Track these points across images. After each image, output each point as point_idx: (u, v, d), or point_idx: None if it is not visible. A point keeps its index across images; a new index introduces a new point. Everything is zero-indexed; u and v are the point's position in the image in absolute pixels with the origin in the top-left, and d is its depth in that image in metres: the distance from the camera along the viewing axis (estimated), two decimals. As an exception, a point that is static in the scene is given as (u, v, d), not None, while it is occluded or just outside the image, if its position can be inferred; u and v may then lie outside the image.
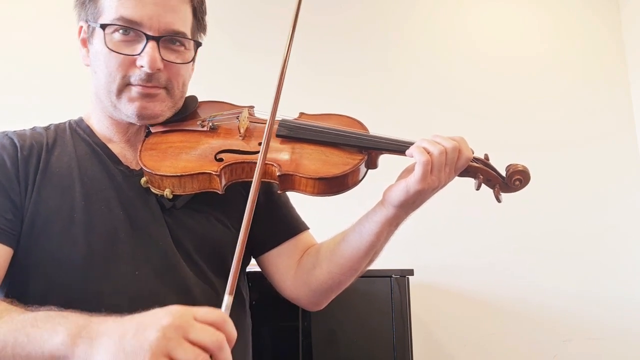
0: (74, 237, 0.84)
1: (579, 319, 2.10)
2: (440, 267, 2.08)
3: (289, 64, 0.88)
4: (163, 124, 0.94)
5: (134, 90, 0.88)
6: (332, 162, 0.87)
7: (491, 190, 0.92)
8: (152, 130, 0.94)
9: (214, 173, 0.85)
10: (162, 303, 0.64)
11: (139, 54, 0.86)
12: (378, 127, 0.95)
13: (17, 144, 0.89)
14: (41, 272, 0.84)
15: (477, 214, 2.10)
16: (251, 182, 0.79)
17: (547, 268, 2.12)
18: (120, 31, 0.86)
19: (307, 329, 1.48)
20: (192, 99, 1.00)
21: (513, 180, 0.90)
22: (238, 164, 0.87)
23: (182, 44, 0.91)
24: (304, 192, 0.87)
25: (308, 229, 1.04)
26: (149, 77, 0.87)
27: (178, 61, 0.90)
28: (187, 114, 0.97)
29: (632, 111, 2.30)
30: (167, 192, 0.87)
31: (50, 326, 0.64)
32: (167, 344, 0.55)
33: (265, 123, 0.85)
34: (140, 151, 0.90)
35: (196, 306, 0.63)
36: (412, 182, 0.84)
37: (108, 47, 0.87)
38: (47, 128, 0.97)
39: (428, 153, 0.83)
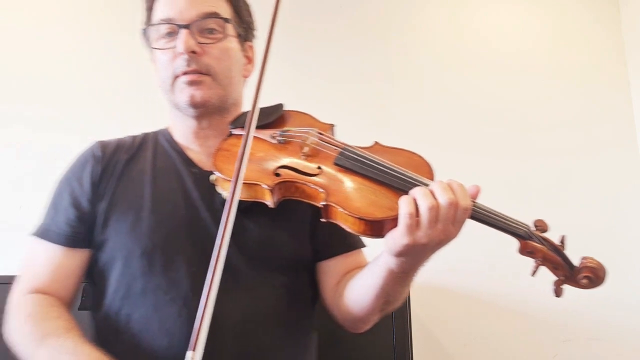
0: (140, 234, 0.93)
1: (579, 319, 2.10)
2: (440, 267, 2.07)
3: (286, 69, 0.88)
4: (243, 127, 0.93)
5: (180, 81, 0.96)
6: (378, 204, 0.82)
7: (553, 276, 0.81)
8: (233, 132, 0.99)
9: (267, 187, 0.87)
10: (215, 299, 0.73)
11: (176, 46, 0.94)
12: (381, 135, 0.94)
13: (99, 155, 1.01)
14: (115, 266, 0.94)
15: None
16: (305, 202, 0.86)
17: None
18: (162, 32, 0.97)
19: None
20: (278, 106, 1.04)
21: (581, 276, 0.78)
22: (292, 182, 0.88)
23: (219, 30, 0.97)
24: (344, 226, 0.83)
25: (362, 247, 1.03)
26: (189, 62, 0.94)
27: (212, 42, 0.96)
28: (270, 121, 1.00)
29: (632, 112, 2.30)
30: (225, 194, 0.90)
31: None
32: None
33: (335, 144, 0.91)
34: (217, 149, 0.96)
35: (246, 303, 0.86)
36: (397, 233, 0.76)
37: (154, 48, 0.99)
38: (135, 137, 1.08)
39: (415, 205, 0.75)
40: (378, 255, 0.86)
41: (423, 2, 2.36)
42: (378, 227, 0.80)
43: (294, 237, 0.99)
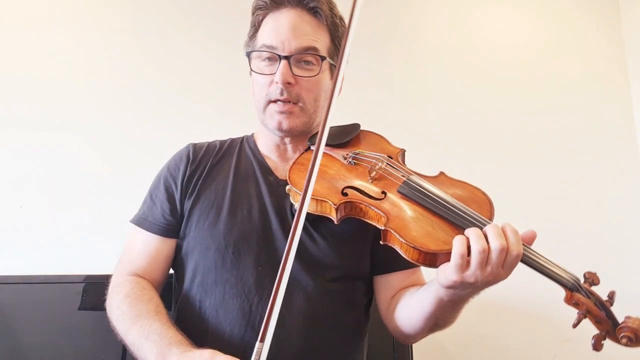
0: (217, 232, 1.04)
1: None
2: (440, 267, 2.08)
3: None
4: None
5: (272, 108, 1.06)
6: (434, 236, 0.85)
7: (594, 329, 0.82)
8: (312, 148, 1.06)
9: (333, 204, 0.93)
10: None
11: (274, 73, 1.03)
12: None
13: (191, 157, 1.13)
14: (193, 256, 1.06)
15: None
16: (366, 222, 0.91)
17: (547, 268, 2.12)
18: (263, 57, 1.05)
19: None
20: (355, 126, 1.13)
21: (621, 335, 0.79)
22: (357, 203, 0.93)
23: (314, 63, 1.05)
24: (400, 251, 0.87)
25: (416, 267, 1.09)
26: (282, 91, 1.03)
27: (307, 75, 1.04)
28: (346, 140, 1.07)
29: (632, 112, 2.31)
30: (297, 205, 0.97)
31: (151, 344, 0.90)
32: None
33: (401, 171, 0.96)
34: (294, 162, 1.05)
35: (298, 305, 0.96)
36: (448, 270, 0.80)
37: (254, 71, 1.07)
38: (224, 141, 1.20)
39: (468, 246, 0.78)
40: (430, 282, 0.92)
41: (423, 10, 2.36)
42: (431, 259, 0.84)
43: (354, 251, 1.07)
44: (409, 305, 0.99)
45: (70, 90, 2.05)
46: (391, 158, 1.03)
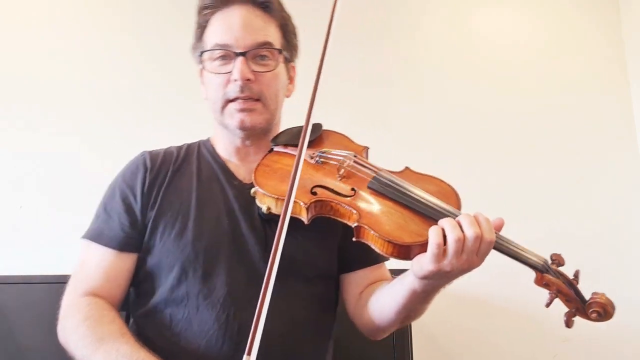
0: (185, 242, 0.99)
1: (578, 319, 2.10)
2: (440, 267, 2.08)
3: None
4: (285, 145, 1.04)
5: (232, 106, 1.02)
6: (407, 229, 0.87)
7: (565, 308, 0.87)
8: (275, 149, 1.05)
9: (303, 204, 0.93)
10: (246, 305, 0.91)
11: (230, 72, 1.01)
12: (380, 138, 0.96)
13: (148, 165, 1.07)
14: (160, 270, 1.00)
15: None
16: (336, 220, 0.92)
17: (547, 268, 2.12)
18: (216, 56, 1.02)
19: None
20: (317, 126, 1.10)
21: (591, 310, 0.84)
22: (327, 202, 0.94)
23: (270, 57, 1.03)
24: (374, 247, 0.88)
25: (384, 261, 1.09)
26: (242, 88, 1.00)
27: (265, 70, 1.02)
28: (311, 139, 1.02)
29: (632, 112, 2.30)
30: (264, 208, 0.97)
31: None
32: None
33: (369, 168, 0.97)
34: (259, 164, 1.02)
35: (280, 312, 0.90)
36: (424, 260, 0.81)
37: (209, 71, 1.04)
38: (180, 147, 1.14)
39: (444, 235, 0.80)
40: (403, 275, 0.92)
41: (422, 8, 2.35)
42: (405, 251, 0.85)
43: (324, 251, 1.05)
44: (380, 299, 0.98)
45: (70, 90, 2.05)
46: (356, 156, 1.02)
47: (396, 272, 1.07)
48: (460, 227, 0.80)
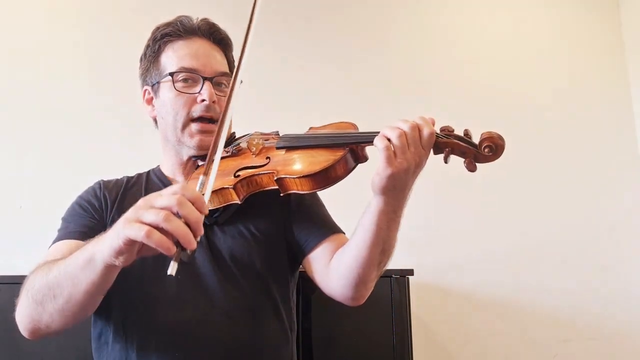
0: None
1: (579, 319, 2.10)
2: (440, 267, 2.08)
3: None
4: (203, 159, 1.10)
5: (194, 126, 1.11)
6: (317, 161, 0.97)
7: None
8: (200, 163, 1.13)
9: (229, 187, 1.01)
10: (192, 303, 0.98)
11: (199, 92, 1.10)
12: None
13: (102, 188, 1.17)
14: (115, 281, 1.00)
15: (477, 214, 2.10)
16: (265, 190, 1.00)
17: (547, 268, 2.12)
18: (183, 78, 1.11)
19: (307, 329, 1.48)
20: (231, 135, 1.19)
21: (483, 147, 0.91)
22: (250, 177, 1.02)
23: (226, 86, 1.14)
24: (299, 190, 0.98)
25: (341, 232, 1.14)
26: (208, 109, 1.09)
27: (222, 95, 1.12)
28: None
29: (632, 111, 2.31)
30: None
31: (88, 246, 0.84)
32: (136, 213, 0.74)
33: (275, 137, 1.07)
34: (190, 178, 1.11)
35: (222, 306, 1.00)
36: (381, 167, 0.89)
37: (177, 90, 1.11)
38: (131, 177, 1.22)
39: (388, 139, 0.89)
40: (366, 206, 0.96)
41: (423, 5, 2.36)
42: (322, 178, 0.95)
43: (267, 249, 1.10)
44: (351, 243, 1.01)
45: (70, 90, 2.05)
46: (263, 133, 1.12)
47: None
48: (398, 127, 0.90)
